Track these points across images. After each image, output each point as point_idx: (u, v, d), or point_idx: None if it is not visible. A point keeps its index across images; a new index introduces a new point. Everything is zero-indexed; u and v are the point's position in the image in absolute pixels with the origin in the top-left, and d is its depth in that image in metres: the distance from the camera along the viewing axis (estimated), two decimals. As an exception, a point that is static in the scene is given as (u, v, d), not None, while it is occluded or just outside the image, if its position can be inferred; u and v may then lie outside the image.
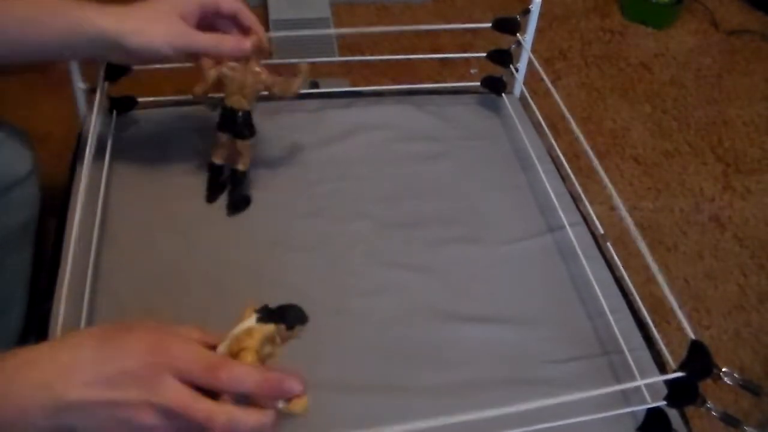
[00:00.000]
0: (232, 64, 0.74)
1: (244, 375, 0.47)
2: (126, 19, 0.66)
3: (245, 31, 0.75)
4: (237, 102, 0.76)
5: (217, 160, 0.81)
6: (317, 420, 0.52)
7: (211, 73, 0.74)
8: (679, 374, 0.58)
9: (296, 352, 0.67)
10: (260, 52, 0.75)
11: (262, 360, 0.51)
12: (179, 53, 0.69)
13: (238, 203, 0.82)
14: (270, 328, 0.51)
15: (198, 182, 0.84)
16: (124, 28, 0.65)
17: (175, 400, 0.44)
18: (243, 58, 0.74)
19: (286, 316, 0.52)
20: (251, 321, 0.51)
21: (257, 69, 0.75)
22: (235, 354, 0.49)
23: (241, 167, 0.80)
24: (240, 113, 0.77)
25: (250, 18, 0.75)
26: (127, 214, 0.79)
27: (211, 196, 0.83)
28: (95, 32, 0.64)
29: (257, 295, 0.71)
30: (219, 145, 0.80)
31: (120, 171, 0.84)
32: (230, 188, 0.82)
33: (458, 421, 0.53)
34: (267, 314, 0.52)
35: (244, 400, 0.48)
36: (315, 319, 0.70)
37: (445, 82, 1.64)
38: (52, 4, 0.65)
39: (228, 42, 0.72)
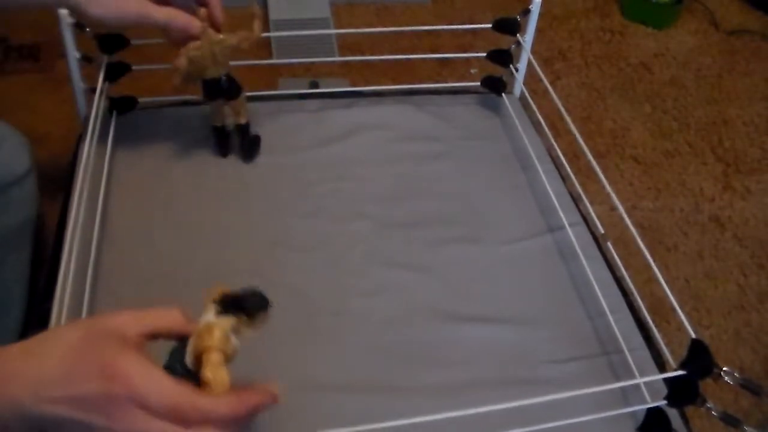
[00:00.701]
0: (195, 43, 0.76)
1: (214, 406, 0.46)
2: None
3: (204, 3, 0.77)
4: (215, 72, 0.80)
5: (218, 123, 0.86)
6: (317, 420, 0.52)
7: (182, 61, 0.76)
8: (680, 372, 0.58)
9: (296, 352, 0.67)
10: (213, 22, 0.77)
11: (230, 355, 0.49)
12: (130, 26, 0.73)
13: (252, 147, 0.88)
14: (230, 321, 0.49)
15: (198, 182, 0.84)
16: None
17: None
18: (198, 34, 0.76)
19: (245, 306, 0.50)
20: (210, 315, 0.49)
21: (219, 37, 0.78)
22: (200, 353, 0.48)
23: (242, 120, 0.86)
24: (222, 78, 0.81)
25: None
26: (127, 214, 0.79)
27: (223, 151, 0.88)
28: None
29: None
30: (214, 111, 0.85)
31: (120, 171, 0.84)
32: (240, 140, 0.87)
33: (458, 418, 0.53)
34: (225, 306, 0.49)
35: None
36: (315, 319, 0.70)
37: (445, 82, 1.64)
38: None
39: (178, 20, 0.74)
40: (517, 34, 0.95)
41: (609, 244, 0.77)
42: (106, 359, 0.45)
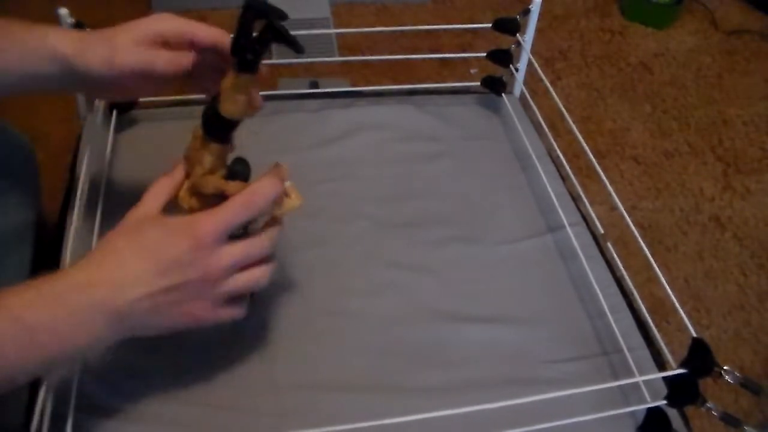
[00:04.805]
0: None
1: (265, 188, 0.56)
2: (80, 39, 0.61)
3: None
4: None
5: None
6: (317, 420, 0.52)
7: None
8: (681, 371, 0.58)
9: (296, 352, 0.67)
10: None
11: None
12: (121, 73, 0.60)
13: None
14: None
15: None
16: (75, 50, 0.60)
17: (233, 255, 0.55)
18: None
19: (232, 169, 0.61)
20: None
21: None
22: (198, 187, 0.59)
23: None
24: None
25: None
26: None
27: None
28: (52, 55, 0.60)
29: (258, 296, 0.71)
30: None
31: (120, 171, 0.84)
32: None
33: (457, 417, 0.53)
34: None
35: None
36: (314, 319, 0.70)
37: (445, 82, 1.64)
38: (11, 29, 0.62)
39: (164, 58, 0.60)
40: (517, 34, 0.95)
41: (609, 244, 0.77)
42: (173, 233, 0.53)
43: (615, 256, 0.75)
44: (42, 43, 0.60)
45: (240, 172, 0.60)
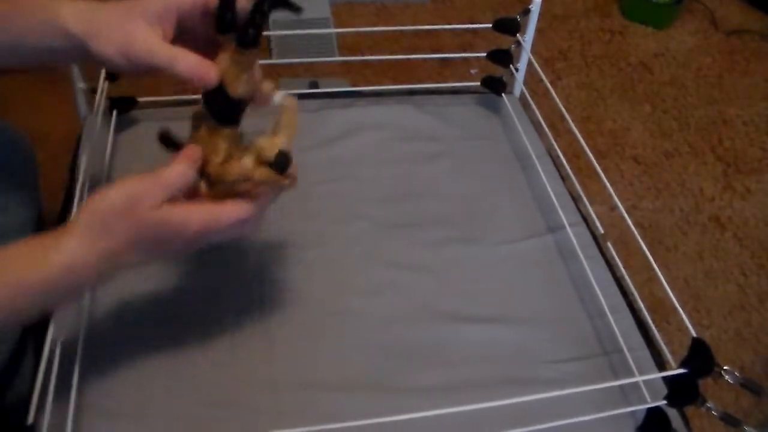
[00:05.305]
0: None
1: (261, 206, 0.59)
2: (92, 19, 0.57)
3: None
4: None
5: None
6: (317, 420, 0.52)
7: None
8: (681, 371, 0.58)
9: (296, 352, 0.67)
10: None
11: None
12: (138, 66, 0.56)
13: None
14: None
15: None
16: (88, 31, 0.56)
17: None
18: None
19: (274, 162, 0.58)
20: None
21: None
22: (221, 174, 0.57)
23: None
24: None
25: None
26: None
27: None
28: (64, 33, 0.57)
29: (258, 296, 0.71)
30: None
31: (120, 171, 0.84)
32: None
33: (457, 417, 0.53)
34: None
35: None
36: (314, 319, 0.71)
37: (445, 82, 1.64)
38: (28, 3, 0.60)
39: (185, 62, 0.55)
40: (517, 34, 0.95)
41: (609, 244, 0.77)
42: (169, 235, 0.54)
43: (615, 256, 0.75)
44: (54, 18, 0.57)
45: (282, 162, 0.57)
